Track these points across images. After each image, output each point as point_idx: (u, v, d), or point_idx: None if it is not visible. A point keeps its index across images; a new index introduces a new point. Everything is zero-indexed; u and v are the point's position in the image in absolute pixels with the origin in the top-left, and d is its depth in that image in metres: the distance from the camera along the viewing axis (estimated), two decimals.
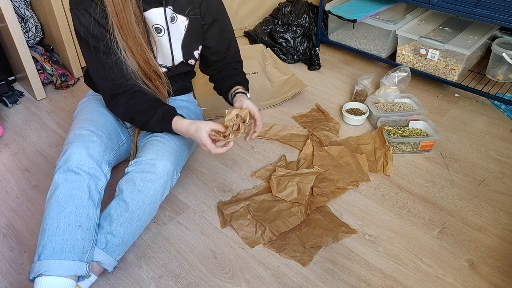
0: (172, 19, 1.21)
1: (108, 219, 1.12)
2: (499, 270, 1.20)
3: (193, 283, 1.16)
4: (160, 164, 1.15)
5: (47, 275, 0.99)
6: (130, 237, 1.15)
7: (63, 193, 1.06)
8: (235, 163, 1.56)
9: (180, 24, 1.24)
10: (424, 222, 1.33)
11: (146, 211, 1.15)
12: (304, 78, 2.06)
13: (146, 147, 1.20)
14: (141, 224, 1.16)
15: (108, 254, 1.11)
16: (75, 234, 1.04)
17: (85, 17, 1.11)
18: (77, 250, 1.04)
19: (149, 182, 1.13)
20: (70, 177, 1.08)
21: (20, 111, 1.84)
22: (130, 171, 1.16)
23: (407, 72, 1.82)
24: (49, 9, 1.86)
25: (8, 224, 1.34)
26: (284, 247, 1.24)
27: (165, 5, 1.18)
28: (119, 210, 1.12)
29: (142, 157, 1.16)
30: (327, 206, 1.37)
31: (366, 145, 1.61)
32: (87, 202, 1.08)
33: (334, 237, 1.26)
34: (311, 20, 2.21)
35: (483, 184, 1.47)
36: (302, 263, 1.20)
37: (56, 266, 1.00)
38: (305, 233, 1.27)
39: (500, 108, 1.85)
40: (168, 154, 1.18)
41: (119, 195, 1.14)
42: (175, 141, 1.24)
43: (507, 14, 1.59)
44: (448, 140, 1.67)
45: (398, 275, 1.18)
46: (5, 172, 1.53)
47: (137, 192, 1.13)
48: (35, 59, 1.94)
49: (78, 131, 1.16)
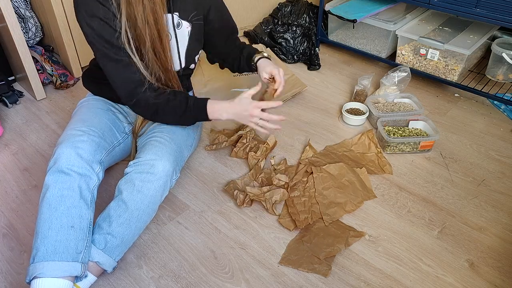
0: (178, 25, 1.22)
1: (107, 219, 1.12)
2: (499, 270, 1.20)
3: (193, 283, 1.16)
4: (160, 164, 1.15)
5: (42, 277, 0.99)
6: (129, 237, 1.15)
7: (53, 195, 1.06)
8: (235, 163, 1.55)
9: (185, 30, 1.25)
10: (424, 222, 1.33)
11: (145, 211, 1.15)
12: (304, 78, 2.06)
13: (145, 148, 1.20)
14: (141, 225, 1.16)
15: (108, 254, 1.11)
16: (68, 234, 1.04)
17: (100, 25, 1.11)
18: (70, 250, 1.03)
19: (148, 183, 1.13)
20: (60, 178, 1.07)
21: (20, 111, 1.84)
22: (130, 172, 1.16)
23: (407, 72, 1.82)
24: (49, 9, 1.86)
25: (8, 224, 1.33)
26: (300, 262, 1.21)
27: (172, 11, 1.19)
28: (118, 210, 1.12)
29: (142, 157, 1.16)
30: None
31: (357, 148, 1.62)
32: (79, 202, 1.08)
33: (345, 243, 1.24)
34: (311, 20, 2.21)
35: (483, 184, 1.47)
36: (323, 274, 1.17)
37: (50, 268, 1.00)
38: (316, 243, 1.25)
39: (500, 108, 1.85)
40: (168, 155, 1.18)
41: (119, 196, 1.14)
42: (175, 141, 1.24)
43: (507, 14, 1.59)
44: (448, 140, 1.67)
45: (398, 275, 1.18)
46: (5, 172, 1.53)
47: (137, 192, 1.12)
48: (35, 59, 1.94)
49: (69, 132, 1.16)
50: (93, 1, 1.09)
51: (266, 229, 1.31)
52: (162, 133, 1.26)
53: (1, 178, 1.51)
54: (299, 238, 1.27)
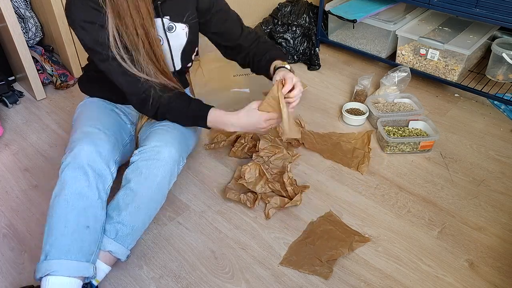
0: (169, 29, 1.21)
1: (116, 209, 1.12)
2: (499, 270, 1.20)
3: (193, 283, 1.16)
4: (165, 150, 1.15)
5: (55, 275, 1.00)
6: (140, 225, 1.15)
7: (72, 192, 1.05)
8: (235, 163, 1.56)
9: (180, 32, 1.23)
10: (424, 222, 1.33)
11: (154, 198, 1.15)
12: (304, 78, 2.06)
13: (149, 136, 1.21)
14: (150, 212, 1.17)
15: (119, 243, 1.12)
16: (83, 235, 1.04)
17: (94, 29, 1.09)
18: (84, 251, 1.04)
19: (155, 169, 1.13)
20: (79, 175, 1.06)
21: (20, 111, 1.84)
22: (136, 160, 1.16)
23: (407, 72, 1.82)
24: (49, 9, 1.86)
25: (8, 224, 1.34)
26: (302, 263, 1.20)
27: (162, 16, 1.17)
28: (127, 199, 1.12)
29: (147, 145, 1.17)
30: (335, 215, 1.35)
31: (347, 143, 1.63)
32: (96, 202, 1.07)
33: (349, 247, 1.24)
34: (311, 20, 2.21)
35: (483, 184, 1.47)
36: (324, 277, 1.17)
37: (65, 266, 1.00)
38: (320, 245, 1.25)
39: (500, 108, 1.85)
40: (172, 140, 1.18)
41: (126, 185, 1.14)
42: (177, 129, 1.24)
43: (507, 14, 1.59)
44: (448, 140, 1.67)
45: (398, 275, 1.18)
46: (5, 172, 1.53)
47: (144, 180, 1.13)
48: (35, 59, 1.94)
49: (85, 129, 1.15)
50: (85, 5, 1.07)
51: (266, 229, 1.31)
52: (164, 121, 1.26)
53: (1, 178, 1.51)
54: (302, 239, 1.27)
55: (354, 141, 1.64)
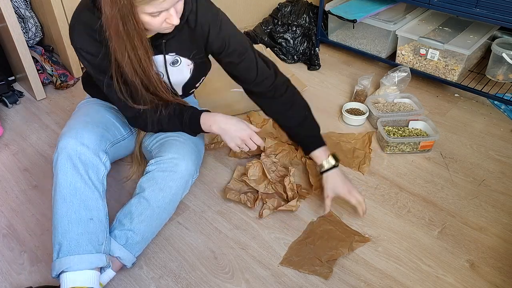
0: (174, 63, 1.18)
1: (128, 216, 1.13)
2: (500, 270, 1.20)
3: (193, 283, 1.16)
4: (183, 164, 1.16)
5: (70, 271, 1.01)
6: (149, 234, 1.17)
7: (66, 188, 1.06)
8: (235, 163, 1.55)
9: (185, 67, 1.21)
10: (424, 222, 1.33)
11: (166, 209, 1.17)
12: (304, 78, 2.05)
13: (165, 146, 1.21)
14: (161, 222, 1.19)
15: (128, 250, 1.13)
16: (88, 227, 1.05)
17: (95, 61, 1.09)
18: (93, 243, 1.05)
19: (171, 181, 1.14)
20: (69, 168, 1.06)
21: (20, 111, 1.84)
22: (152, 170, 1.16)
23: (407, 72, 1.82)
24: (49, 9, 1.86)
25: (8, 224, 1.33)
26: (302, 263, 1.20)
27: (165, 52, 1.15)
28: (140, 208, 1.13)
29: (164, 156, 1.17)
30: (335, 215, 1.35)
31: (347, 144, 1.63)
32: (93, 194, 1.08)
33: (349, 247, 1.24)
34: (311, 20, 2.21)
35: (483, 184, 1.47)
36: (324, 277, 1.17)
37: (76, 261, 1.01)
38: (320, 246, 1.24)
39: (500, 108, 1.85)
40: (189, 154, 1.19)
41: (140, 193, 1.14)
42: (193, 140, 1.25)
43: (507, 14, 1.59)
44: (448, 140, 1.67)
45: (398, 275, 1.18)
46: (5, 172, 1.53)
47: (159, 190, 1.14)
48: (35, 59, 1.94)
49: (72, 123, 1.16)
50: (87, 35, 1.06)
51: (266, 229, 1.31)
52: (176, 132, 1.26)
53: (1, 178, 1.51)
54: (302, 239, 1.27)
55: (354, 141, 1.64)
